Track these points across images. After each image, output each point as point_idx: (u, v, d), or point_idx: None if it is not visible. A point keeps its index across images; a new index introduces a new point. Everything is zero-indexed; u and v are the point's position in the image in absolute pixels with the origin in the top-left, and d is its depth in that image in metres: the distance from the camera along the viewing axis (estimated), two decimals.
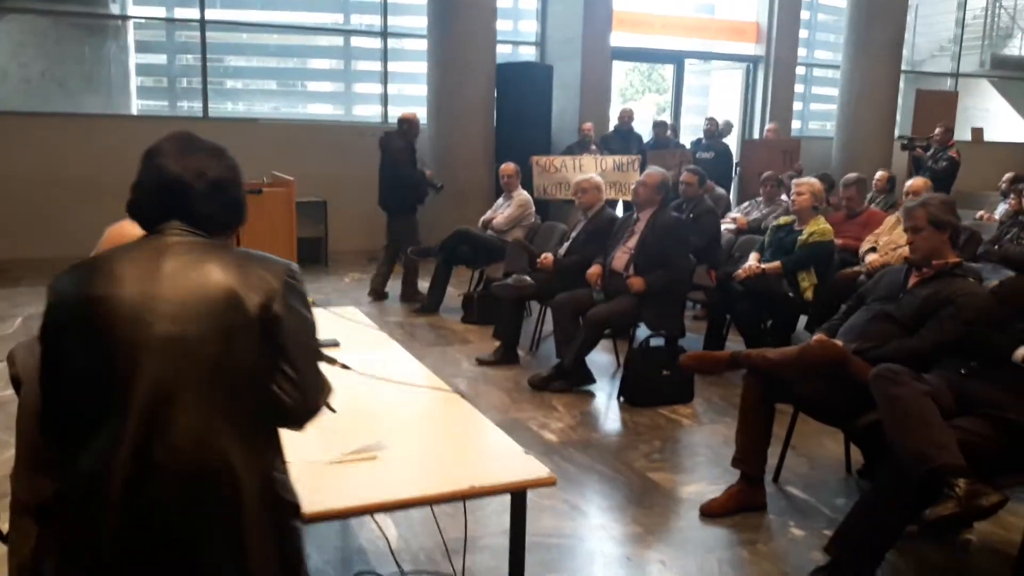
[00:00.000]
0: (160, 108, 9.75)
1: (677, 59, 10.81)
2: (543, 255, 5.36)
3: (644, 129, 9.93)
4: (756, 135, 10.70)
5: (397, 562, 2.81)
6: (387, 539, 2.95)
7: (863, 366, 2.89)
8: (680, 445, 4.05)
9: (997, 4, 13.06)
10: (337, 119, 10.02)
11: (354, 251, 9.05)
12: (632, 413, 4.42)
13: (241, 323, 1.43)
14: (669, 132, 9.82)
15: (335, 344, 2.85)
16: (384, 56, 9.66)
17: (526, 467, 1.90)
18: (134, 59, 9.61)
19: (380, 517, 3.13)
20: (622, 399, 4.60)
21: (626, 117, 9.45)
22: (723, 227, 6.63)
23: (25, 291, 6.83)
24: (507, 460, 1.95)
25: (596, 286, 4.76)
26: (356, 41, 10.03)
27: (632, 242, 4.84)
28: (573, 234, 5.44)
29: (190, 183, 1.53)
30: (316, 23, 9.85)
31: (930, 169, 8.77)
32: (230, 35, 9.67)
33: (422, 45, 9.06)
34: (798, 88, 12.05)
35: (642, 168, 7.67)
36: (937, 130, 8.78)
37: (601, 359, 5.29)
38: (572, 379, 4.72)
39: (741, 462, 3.26)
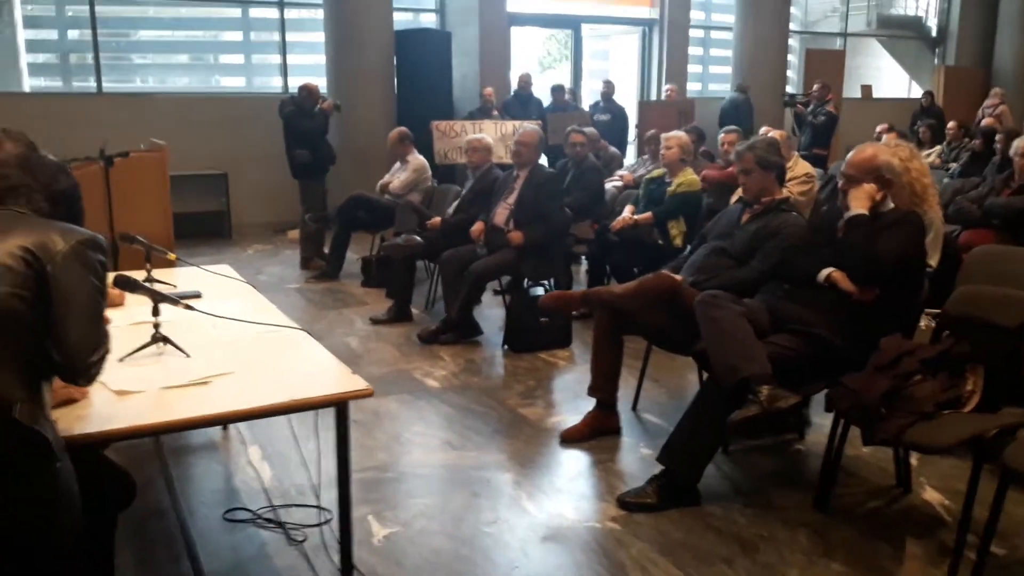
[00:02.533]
0: (54, 86, 9.50)
1: (574, 23, 11.02)
2: (432, 218, 5.54)
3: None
4: (653, 97, 11.01)
5: (268, 498, 2.99)
6: (261, 478, 3.13)
7: (694, 295, 3.17)
8: (553, 383, 4.31)
9: None
10: (237, 91, 9.92)
11: (260, 223, 9.06)
12: (513, 359, 4.67)
13: (19, 278, 1.58)
14: (568, 96, 10.06)
15: (196, 295, 2.99)
16: (282, 26, 9.60)
17: (347, 383, 2.09)
18: (23, 35, 9.33)
19: (256, 459, 3.32)
20: (506, 347, 4.84)
21: (524, 83, 9.63)
22: (611, 184, 6.94)
23: None
24: (331, 379, 2.14)
25: (478, 241, 4.97)
26: (255, 12, 9.93)
27: (512, 198, 5.06)
28: (463, 193, 5.64)
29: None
30: None
31: (811, 124, 9.24)
32: (125, 8, 9.46)
33: (320, 14, 9.06)
34: (697, 50, 12.43)
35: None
36: (816, 86, 9.22)
37: (493, 313, 5.53)
38: (459, 331, 4.93)
39: (595, 390, 3.53)
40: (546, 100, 9.80)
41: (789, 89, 12.11)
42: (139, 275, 3.05)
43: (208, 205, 8.79)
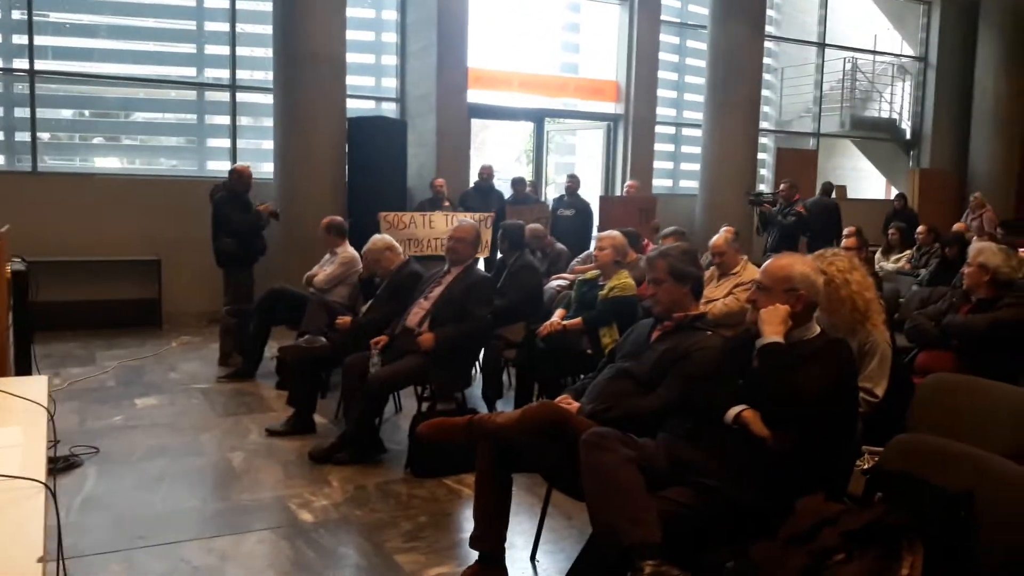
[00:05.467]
0: None
1: (537, 117, 10.79)
2: (341, 317, 5.02)
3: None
4: (618, 192, 10.70)
5: None
6: None
7: (587, 428, 2.61)
8: (448, 520, 3.69)
9: (855, 69, 13.60)
10: (175, 173, 9.52)
11: (194, 312, 8.51)
12: (413, 485, 4.06)
13: None
14: (529, 188, 9.73)
15: None
16: (233, 110, 9.30)
17: None
18: None
19: None
20: (408, 470, 4.24)
21: (486, 174, 9.30)
22: (556, 283, 6.46)
23: None
24: (3, 569, 1.53)
25: (373, 354, 4.39)
26: (210, 95, 9.64)
27: (434, 295, 4.55)
28: (378, 292, 5.14)
29: None
30: (167, 75, 9.43)
31: (780, 224, 8.86)
32: (76, 87, 9.15)
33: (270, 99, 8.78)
34: (668, 147, 12.22)
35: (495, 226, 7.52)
36: (782, 186, 8.89)
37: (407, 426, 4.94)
38: (358, 450, 4.34)
39: (477, 540, 2.93)
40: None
41: (763, 188, 11.85)
42: None
43: (138, 292, 8.27)
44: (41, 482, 1.91)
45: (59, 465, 4.07)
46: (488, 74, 10.30)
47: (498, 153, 16.49)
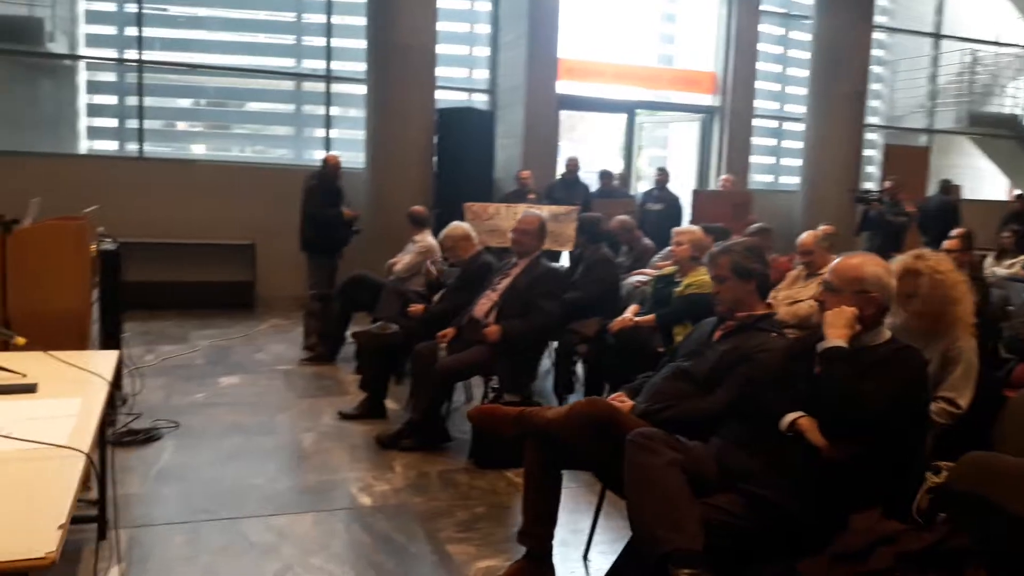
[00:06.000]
0: (109, 148, 9.61)
1: (628, 109, 10.60)
2: (414, 305, 5.06)
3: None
4: (712, 187, 10.40)
5: None
6: None
7: (637, 427, 2.52)
8: (505, 513, 3.66)
9: (975, 62, 12.77)
10: (273, 161, 9.81)
11: (286, 296, 8.77)
12: (474, 476, 4.04)
13: None
14: (616, 181, 9.57)
15: (31, 389, 2.53)
16: (327, 100, 9.52)
17: (30, 543, 1.51)
18: (84, 99, 9.54)
19: None
20: (471, 460, 4.22)
21: (572, 166, 9.22)
22: (636, 278, 6.32)
23: None
24: (25, 533, 1.56)
25: (441, 344, 4.40)
26: (307, 86, 9.90)
27: (501, 287, 4.52)
28: (450, 281, 5.15)
29: None
30: (266, 66, 9.75)
31: (888, 223, 8.43)
32: (181, 77, 9.59)
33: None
34: (770, 141, 11.81)
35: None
36: (886, 183, 8.44)
37: None
38: (423, 437, 4.36)
39: (525, 536, 2.88)
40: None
41: (869, 185, 11.29)
42: None
43: (234, 275, 8.60)
44: (83, 452, 1.97)
45: (139, 437, 4.26)
46: (581, 65, 10.19)
47: (597, 145, 16.30)
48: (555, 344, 5.40)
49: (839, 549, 1.97)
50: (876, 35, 11.25)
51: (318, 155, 9.75)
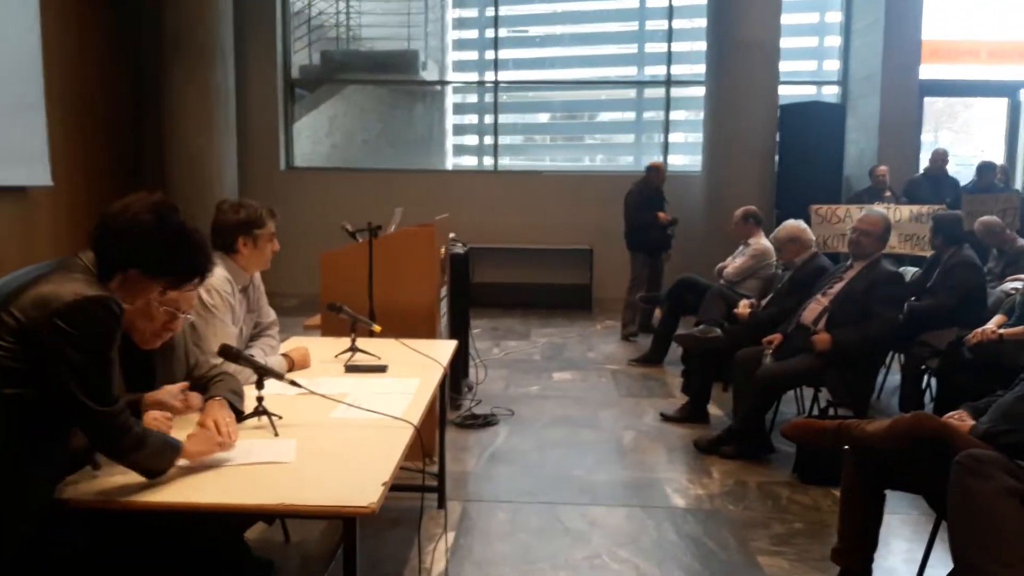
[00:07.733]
0: (469, 164, 10.71)
1: (1010, 91, 9.15)
2: (740, 305, 4.91)
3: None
4: None
5: None
6: None
7: (972, 447, 2.22)
8: (826, 531, 3.38)
9: None
10: (611, 168, 10.14)
11: (621, 298, 8.97)
12: (796, 490, 3.82)
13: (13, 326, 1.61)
14: (999, 175, 8.33)
15: (382, 369, 2.95)
16: (667, 105, 9.62)
17: (358, 495, 1.75)
18: (451, 120, 10.77)
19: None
20: (795, 474, 4.00)
21: (939, 159, 8.24)
22: (1010, 285, 5.48)
23: None
24: (357, 486, 1.81)
25: (766, 353, 4.20)
26: (648, 92, 10.11)
27: (833, 291, 4.23)
28: (780, 284, 4.92)
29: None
30: (609, 76, 10.14)
31: None
32: (529, 94, 10.39)
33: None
34: None
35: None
36: None
37: None
38: (744, 445, 4.22)
39: (839, 554, 2.67)
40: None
41: None
42: (344, 344, 3.13)
43: (574, 278, 9.08)
44: (412, 424, 2.26)
45: (479, 421, 4.70)
46: (947, 45, 9.07)
47: (981, 135, 14.34)
48: (903, 357, 4.89)
49: None
50: None
51: (656, 160, 9.94)
